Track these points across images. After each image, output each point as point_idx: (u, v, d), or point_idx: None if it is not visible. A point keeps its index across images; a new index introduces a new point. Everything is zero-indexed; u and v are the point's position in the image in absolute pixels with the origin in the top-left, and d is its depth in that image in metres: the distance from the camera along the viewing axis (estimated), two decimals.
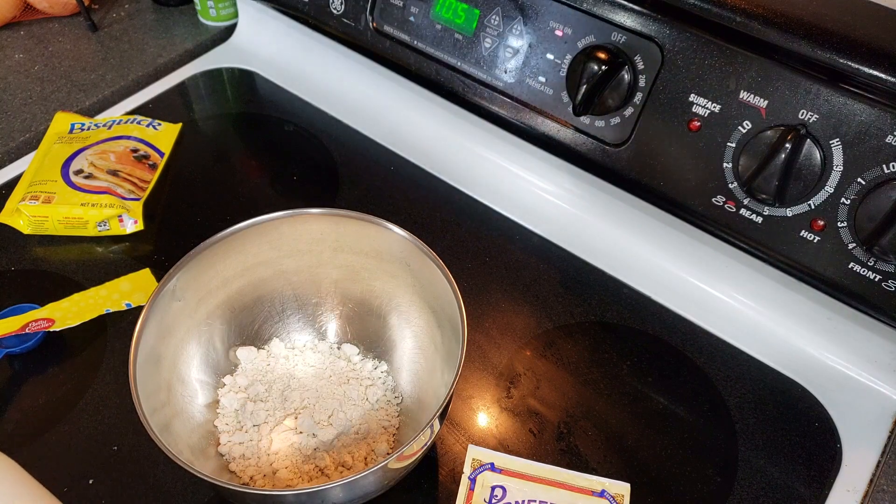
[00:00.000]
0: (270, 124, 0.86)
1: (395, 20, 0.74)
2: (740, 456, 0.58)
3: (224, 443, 0.55)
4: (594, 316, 0.67)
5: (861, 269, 0.54)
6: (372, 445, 0.55)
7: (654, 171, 0.62)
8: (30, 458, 0.56)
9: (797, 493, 0.56)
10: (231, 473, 0.54)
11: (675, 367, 0.64)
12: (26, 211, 0.70)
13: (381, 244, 0.58)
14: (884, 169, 0.51)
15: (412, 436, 0.46)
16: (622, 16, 0.59)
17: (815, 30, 0.52)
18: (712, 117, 0.57)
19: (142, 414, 0.46)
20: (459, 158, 0.80)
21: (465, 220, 0.75)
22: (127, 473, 0.55)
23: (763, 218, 0.57)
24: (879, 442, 0.59)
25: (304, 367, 0.60)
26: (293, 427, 0.56)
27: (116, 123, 0.81)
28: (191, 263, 0.54)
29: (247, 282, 0.59)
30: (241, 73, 0.93)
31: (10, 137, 0.81)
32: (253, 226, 0.56)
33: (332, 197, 0.77)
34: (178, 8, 1.01)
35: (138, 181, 0.75)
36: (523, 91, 0.67)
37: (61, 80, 0.89)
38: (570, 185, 0.74)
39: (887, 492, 0.56)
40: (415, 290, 0.59)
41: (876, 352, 0.62)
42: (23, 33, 0.96)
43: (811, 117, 0.52)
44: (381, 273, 0.60)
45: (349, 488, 0.46)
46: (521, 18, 0.65)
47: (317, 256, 0.61)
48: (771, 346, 0.65)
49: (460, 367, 0.48)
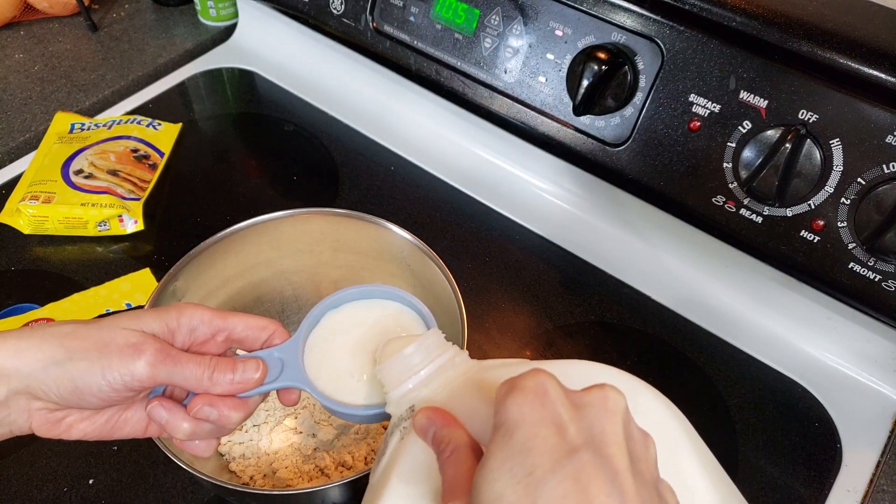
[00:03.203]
0: (270, 124, 0.86)
1: (395, 20, 0.74)
2: (740, 456, 0.58)
3: (224, 443, 0.55)
4: (594, 316, 0.67)
5: (861, 269, 0.54)
6: (372, 445, 0.55)
7: (654, 171, 0.62)
8: (30, 458, 0.56)
9: (797, 493, 0.56)
10: (231, 473, 0.54)
11: (675, 367, 0.64)
12: (26, 211, 0.70)
13: (381, 244, 0.58)
14: (884, 169, 0.51)
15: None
16: (622, 16, 0.59)
17: (815, 30, 0.52)
18: (712, 117, 0.57)
19: None
20: (459, 158, 0.80)
21: (465, 220, 0.75)
22: (127, 473, 0.55)
23: (763, 218, 0.57)
24: (879, 442, 0.59)
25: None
26: (293, 427, 0.56)
27: (116, 123, 0.81)
28: (191, 263, 0.54)
29: (247, 282, 0.59)
30: (241, 73, 0.93)
31: (10, 137, 0.81)
32: (253, 226, 0.56)
33: (332, 197, 0.77)
34: (178, 8, 1.01)
35: (138, 181, 0.75)
36: (523, 91, 0.67)
37: (61, 80, 0.89)
38: (570, 185, 0.74)
39: (887, 492, 0.56)
40: (415, 290, 0.59)
41: (876, 352, 0.62)
42: (23, 33, 0.96)
43: (811, 117, 0.52)
44: (381, 273, 0.60)
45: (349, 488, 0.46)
46: (521, 18, 0.65)
47: (317, 256, 0.61)
48: (771, 345, 0.65)
49: None
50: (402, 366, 0.36)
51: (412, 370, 0.36)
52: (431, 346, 0.37)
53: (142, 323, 0.38)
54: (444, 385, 0.35)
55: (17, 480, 0.55)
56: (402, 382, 0.36)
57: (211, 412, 0.38)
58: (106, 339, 0.36)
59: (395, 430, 0.36)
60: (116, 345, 0.36)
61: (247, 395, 0.39)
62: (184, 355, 0.38)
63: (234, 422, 0.39)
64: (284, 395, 0.42)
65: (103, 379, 0.36)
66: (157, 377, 0.37)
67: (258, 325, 0.41)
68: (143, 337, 0.37)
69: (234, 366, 0.39)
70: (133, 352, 0.36)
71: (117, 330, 0.37)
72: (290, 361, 0.41)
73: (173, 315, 0.39)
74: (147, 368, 0.36)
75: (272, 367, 0.40)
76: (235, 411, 0.39)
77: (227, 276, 0.58)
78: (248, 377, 0.39)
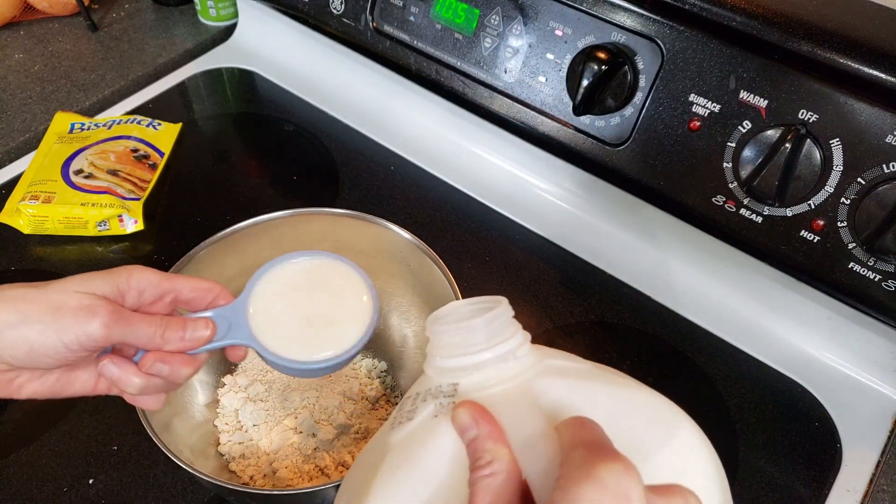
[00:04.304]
0: (270, 124, 0.86)
1: (395, 20, 0.74)
2: (740, 456, 0.58)
3: (224, 443, 0.55)
4: (594, 316, 0.67)
5: (861, 269, 0.54)
6: None
7: (654, 171, 0.62)
8: (30, 458, 0.56)
9: (797, 493, 0.56)
10: (231, 473, 0.54)
11: (675, 367, 0.64)
12: (26, 211, 0.70)
13: (381, 244, 0.58)
14: (884, 169, 0.51)
15: None
16: (622, 16, 0.59)
17: (815, 30, 0.52)
18: (712, 117, 0.57)
19: (142, 413, 0.46)
20: (459, 158, 0.80)
21: (465, 220, 0.75)
22: (127, 473, 0.55)
23: (763, 218, 0.57)
24: (879, 442, 0.59)
25: None
26: (293, 427, 0.56)
27: (116, 123, 0.81)
28: (191, 263, 0.54)
29: (247, 282, 0.59)
30: (241, 73, 0.93)
31: (10, 137, 0.81)
32: (253, 226, 0.56)
33: (332, 197, 0.77)
34: (178, 8, 1.01)
35: (138, 181, 0.75)
36: (523, 91, 0.67)
37: (61, 80, 0.89)
38: (570, 185, 0.74)
39: (887, 492, 0.56)
40: (415, 290, 0.59)
41: (876, 352, 0.62)
42: (23, 33, 0.96)
43: (811, 117, 0.52)
44: (381, 273, 0.60)
45: None
46: (521, 18, 0.65)
47: None
48: (771, 346, 0.65)
49: None
50: (463, 337, 0.33)
51: (472, 346, 0.33)
52: (499, 327, 0.34)
53: (93, 286, 0.39)
54: (497, 378, 0.33)
55: (17, 480, 0.55)
56: (457, 356, 0.33)
57: (163, 368, 0.40)
58: (58, 303, 0.38)
59: (428, 399, 0.33)
60: (70, 307, 0.37)
61: (196, 352, 0.42)
62: (136, 315, 0.40)
63: (184, 376, 0.41)
64: (231, 353, 0.45)
65: (59, 341, 0.37)
66: (111, 337, 0.38)
67: (203, 288, 0.43)
68: (96, 299, 0.38)
69: (185, 324, 0.41)
70: (87, 314, 0.37)
71: (69, 293, 0.38)
72: (237, 320, 0.43)
73: (123, 277, 0.40)
74: (102, 329, 0.38)
75: (220, 326, 0.42)
76: (185, 366, 0.41)
77: (227, 276, 0.58)
78: (199, 335, 0.41)
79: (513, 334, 0.34)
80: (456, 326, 0.33)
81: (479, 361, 0.33)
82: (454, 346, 0.33)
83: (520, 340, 0.34)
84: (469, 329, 0.33)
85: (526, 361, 0.34)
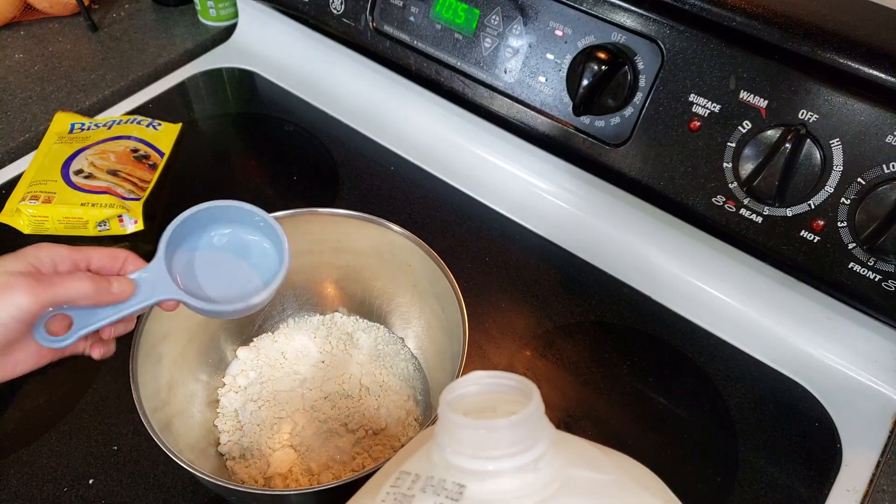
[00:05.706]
0: (270, 124, 0.86)
1: (395, 20, 0.74)
2: (740, 456, 0.58)
3: (224, 443, 0.55)
4: (594, 316, 0.67)
5: (861, 269, 0.54)
6: (369, 451, 0.55)
7: (654, 171, 0.62)
8: (30, 458, 0.56)
9: (797, 493, 0.56)
10: (231, 473, 0.54)
11: (675, 367, 0.64)
12: (26, 211, 0.70)
13: (381, 244, 0.58)
14: (884, 169, 0.51)
15: (412, 435, 0.46)
16: (622, 16, 0.59)
17: (815, 30, 0.52)
18: (712, 117, 0.57)
19: (142, 413, 0.46)
20: (459, 158, 0.80)
21: (465, 220, 0.75)
22: (127, 473, 0.55)
23: (763, 218, 0.57)
24: (879, 442, 0.59)
25: (304, 367, 0.60)
26: (293, 427, 0.56)
27: (116, 123, 0.81)
28: None
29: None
30: (241, 73, 0.93)
31: (10, 137, 0.81)
32: None
33: (332, 197, 0.77)
34: (178, 8, 1.01)
35: (138, 181, 0.75)
36: (523, 91, 0.67)
37: (61, 80, 0.89)
38: (570, 185, 0.74)
39: (887, 492, 0.56)
40: (415, 290, 0.59)
41: (876, 352, 0.62)
42: (23, 33, 0.96)
43: (811, 117, 0.52)
44: (382, 273, 0.60)
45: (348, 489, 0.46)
46: (521, 18, 0.65)
47: (317, 256, 0.61)
48: (771, 346, 0.65)
49: (461, 367, 0.48)
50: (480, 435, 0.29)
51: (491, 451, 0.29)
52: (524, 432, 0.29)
53: (4, 266, 0.40)
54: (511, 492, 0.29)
55: (17, 480, 0.55)
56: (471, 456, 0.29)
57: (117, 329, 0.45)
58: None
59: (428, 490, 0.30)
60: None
61: (131, 312, 0.44)
62: (56, 276, 0.41)
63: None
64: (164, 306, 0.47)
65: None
66: (41, 301, 0.39)
67: (111, 255, 0.45)
68: (11, 276, 0.40)
69: (109, 279, 0.43)
70: (7, 289, 0.39)
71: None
72: (161, 278, 0.45)
73: (31, 253, 0.42)
74: (28, 297, 0.39)
75: (145, 286, 0.45)
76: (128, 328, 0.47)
77: None
78: (124, 287, 0.43)
79: (537, 440, 0.30)
80: (476, 424, 0.29)
81: (495, 469, 0.29)
82: (470, 444, 0.29)
83: (543, 449, 0.30)
84: (491, 429, 0.29)
85: (546, 475, 0.30)
